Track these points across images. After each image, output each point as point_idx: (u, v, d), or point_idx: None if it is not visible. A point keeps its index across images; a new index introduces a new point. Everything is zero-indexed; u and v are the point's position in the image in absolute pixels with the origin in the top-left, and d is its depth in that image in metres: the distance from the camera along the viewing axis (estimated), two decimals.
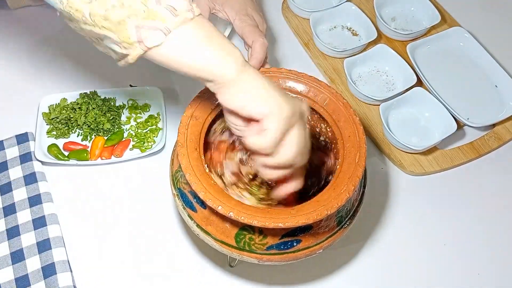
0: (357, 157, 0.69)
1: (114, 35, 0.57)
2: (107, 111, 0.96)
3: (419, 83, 1.02)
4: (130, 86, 1.02)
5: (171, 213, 0.90)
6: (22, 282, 0.80)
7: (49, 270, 0.81)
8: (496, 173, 0.98)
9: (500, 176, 0.98)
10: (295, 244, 0.68)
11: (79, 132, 0.97)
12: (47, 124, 0.96)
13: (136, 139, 0.96)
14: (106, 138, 0.95)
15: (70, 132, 0.96)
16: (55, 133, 0.96)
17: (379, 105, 0.97)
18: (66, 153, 0.94)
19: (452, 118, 0.96)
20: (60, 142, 0.95)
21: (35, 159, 0.91)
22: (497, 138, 1.00)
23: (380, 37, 1.11)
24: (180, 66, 0.59)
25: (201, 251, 0.86)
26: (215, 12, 0.90)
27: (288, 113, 0.60)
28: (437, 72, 1.06)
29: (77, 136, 0.97)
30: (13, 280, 0.80)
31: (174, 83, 1.03)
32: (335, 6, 1.12)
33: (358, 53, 1.07)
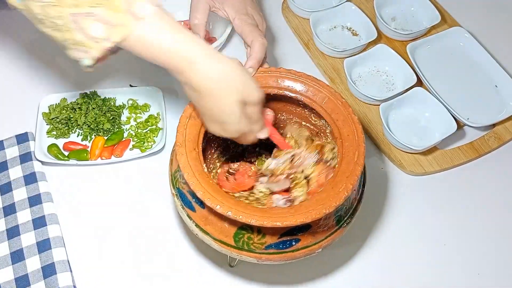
0: (356, 156, 0.69)
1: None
2: (107, 111, 0.96)
3: (419, 83, 1.02)
4: (130, 86, 1.02)
5: (171, 213, 0.90)
6: (22, 282, 0.80)
7: (49, 270, 0.81)
8: (496, 173, 0.98)
9: (500, 176, 0.97)
10: (294, 243, 0.68)
11: (79, 132, 0.97)
12: (47, 124, 0.96)
13: (136, 139, 0.96)
14: (106, 138, 0.95)
15: (70, 132, 0.96)
16: (55, 133, 0.96)
17: (379, 105, 0.97)
18: (66, 153, 0.94)
19: (452, 118, 0.96)
20: (60, 142, 0.95)
21: (35, 159, 0.91)
22: (497, 138, 1.00)
23: (380, 37, 1.11)
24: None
25: (201, 251, 0.86)
26: (215, 11, 0.90)
27: None
28: (437, 72, 1.06)
29: (77, 136, 0.97)
30: (13, 280, 0.80)
31: (174, 83, 1.03)
32: (335, 6, 1.12)
33: (358, 53, 1.07)
